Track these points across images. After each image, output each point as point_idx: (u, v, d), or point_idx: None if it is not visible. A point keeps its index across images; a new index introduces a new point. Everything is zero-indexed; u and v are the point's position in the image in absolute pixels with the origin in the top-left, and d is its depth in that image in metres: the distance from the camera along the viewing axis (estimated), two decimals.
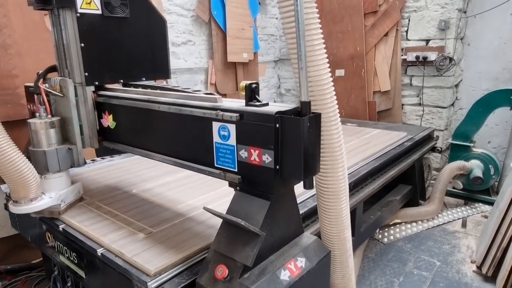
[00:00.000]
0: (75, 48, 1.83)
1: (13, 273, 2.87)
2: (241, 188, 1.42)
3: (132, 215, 1.88)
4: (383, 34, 4.54)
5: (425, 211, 3.65)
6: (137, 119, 1.80)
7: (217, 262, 1.33)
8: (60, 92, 1.85)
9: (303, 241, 1.51)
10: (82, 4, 1.79)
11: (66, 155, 1.88)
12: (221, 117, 1.38)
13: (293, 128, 1.24)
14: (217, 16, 4.45)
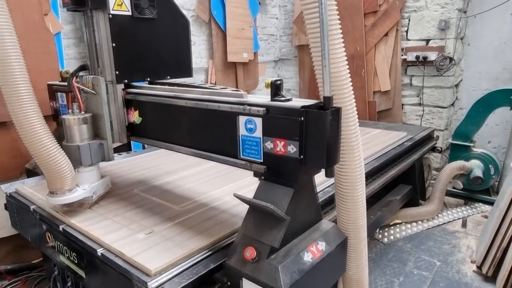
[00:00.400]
0: (106, 48, 1.92)
1: (13, 273, 2.87)
2: (266, 177, 1.53)
3: (132, 215, 1.88)
4: (383, 34, 4.54)
5: (425, 211, 3.65)
6: (165, 115, 1.88)
7: (246, 244, 1.42)
8: (92, 90, 1.93)
9: (322, 226, 1.62)
10: (114, 6, 1.88)
11: (98, 150, 1.97)
12: (248, 111, 1.49)
13: (317, 121, 1.35)
14: (217, 16, 4.45)
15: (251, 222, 1.48)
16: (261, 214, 1.45)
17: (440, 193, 3.75)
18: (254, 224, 1.47)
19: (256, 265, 1.38)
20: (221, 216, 1.84)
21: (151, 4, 2.02)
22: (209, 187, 2.23)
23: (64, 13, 3.37)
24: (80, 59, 3.54)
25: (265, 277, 1.34)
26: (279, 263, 1.36)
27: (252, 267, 1.38)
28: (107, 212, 1.91)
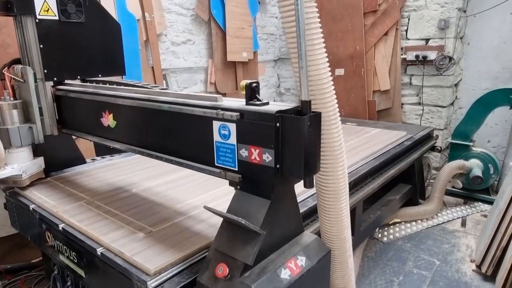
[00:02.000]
0: (35, 49, 2.15)
1: (13, 273, 2.87)
2: (242, 187, 1.42)
3: (132, 214, 1.88)
4: (383, 33, 4.54)
5: (425, 210, 3.65)
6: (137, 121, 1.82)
7: (218, 260, 1.33)
8: (21, 78, 2.15)
9: (303, 240, 1.51)
10: (40, 11, 2.10)
11: (27, 132, 2.19)
12: (221, 116, 1.38)
13: (294, 127, 1.24)
14: (216, 15, 4.45)
15: (224, 236, 1.36)
16: (234, 228, 1.34)
17: (439, 192, 3.75)
18: (227, 238, 1.35)
19: (229, 283, 1.28)
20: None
21: (78, 9, 2.24)
22: (209, 187, 2.23)
23: None
24: None
25: None
26: (252, 281, 1.26)
27: (224, 286, 1.28)
28: (107, 212, 1.91)
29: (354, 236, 2.58)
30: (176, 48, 4.33)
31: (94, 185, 2.29)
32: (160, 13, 4.05)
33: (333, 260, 1.61)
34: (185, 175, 2.44)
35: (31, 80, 2.15)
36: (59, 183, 2.33)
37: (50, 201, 2.05)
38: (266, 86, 5.70)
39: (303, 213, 1.93)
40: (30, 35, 2.14)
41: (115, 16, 3.57)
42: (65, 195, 2.14)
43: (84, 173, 2.52)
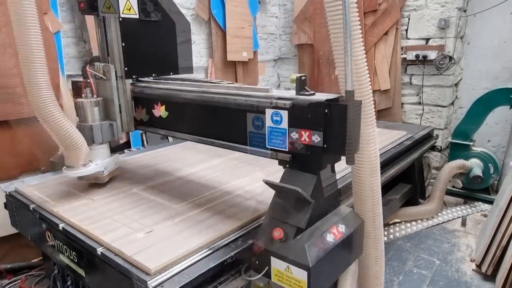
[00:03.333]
0: (116, 47, 2.16)
1: (13, 272, 2.87)
2: (290, 165, 1.63)
3: (132, 214, 1.88)
4: (383, 33, 4.54)
5: (425, 210, 3.65)
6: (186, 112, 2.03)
7: (274, 226, 1.54)
8: (103, 76, 2.18)
9: (341, 211, 1.75)
10: (123, 10, 2.13)
11: (108, 129, 2.23)
12: (275, 104, 1.60)
13: (340, 113, 1.45)
14: (216, 15, 4.45)
15: (278, 206, 1.59)
16: (287, 199, 1.58)
17: (440, 192, 3.75)
18: (281, 208, 1.58)
19: (284, 245, 1.49)
20: (219, 216, 1.85)
21: (155, 8, 2.25)
22: (208, 186, 2.24)
23: (64, 12, 3.37)
24: (79, 58, 3.54)
25: (293, 255, 1.46)
26: (305, 242, 1.47)
27: (281, 247, 1.50)
28: (107, 211, 1.92)
29: None
30: None
31: (94, 185, 2.29)
32: None
33: (367, 231, 1.79)
34: (184, 175, 2.44)
35: (113, 78, 2.17)
36: (59, 183, 2.33)
37: (50, 200, 2.05)
38: (266, 86, 5.70)
39: None
40: (113, 34, 2.15)
41: None
42: (65, 194, 2.14)
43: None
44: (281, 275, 1.51)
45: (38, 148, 2.99)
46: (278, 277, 1.53)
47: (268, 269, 1.54)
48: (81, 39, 3.53)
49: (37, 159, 3.01)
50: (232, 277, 1.58)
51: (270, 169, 2.50)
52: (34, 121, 2.92)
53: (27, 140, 2.93)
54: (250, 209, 1.90)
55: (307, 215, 1.52)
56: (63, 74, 3.25)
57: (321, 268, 1.49)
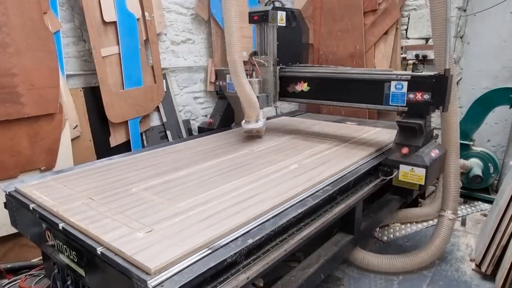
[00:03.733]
0: (271, 45, 3.33)
1: (13, 272, 2.87)
2: (406, 114, 2.74)
3: (132, 214, 1.88)
4: (383, 33, 4.54)
5: (426, 213, 3.64)
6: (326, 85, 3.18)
7: (400, 147, 2.67)
8: (264, 62, 3.34)
9: (433, 143, 2.84)
10: (279, 21, 3.31)
11: (265, 99, 3.35)
12: (399, 78, 2.74)
13: (443, 81, 2.53)
14: (216, 14, 4.45)
15: (402, 135, 2.75)
16: (408, 131, 2.72)
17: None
18: (404, 136, 2.73)
19: (409, 156, 2.58)
20: (220, 215, 1.85)
21: (293, 19, 3.43)
22: (208, 186, 2.24)
23: (63, 12, 3.37)
24: (79, 57, 3.54)
25: (416, 161, 2.52)
26: (422, 153, 2.56)
27: (406, 158, 2.58)
28: (107, 211, 1.92)
29: (354, 235, 2.58)
30: (176, 48, 4.33)
31: (94, 185, 2.29)
32: (160, 12, 4.05)
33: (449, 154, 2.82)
34: (184, 175, 2.44)
35: (271, 66, 3.34)
36: (59, 183, 2.33)
37: (50, 200, 2.05)
38: None
39: (302, 212, 1.97)
40: (270, 36, 3.32)
41: (114, 15, 3.57)
42: (65, 194, 2.14)
43: (84, 172, 2.53)
44: (406, 174, 2.55)
45: (37, 147, 2.99)
46: (404, 176, 2.57)
47: (397, 173, 2.58)
48: (80, 38, 3.53)
49: (37, 158, 3.01)
50: (232, 276, 1.58)
51: (270, 169, 2.50)
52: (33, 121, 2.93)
53: (27, 139, 2.93)
54: (250, 208, 1.90)
55: (422, 139, 2.65)
56: (62, 74, 3.25)
57: (431, 169, 2.51)
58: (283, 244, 1.86)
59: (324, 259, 2.32)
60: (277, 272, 2.19)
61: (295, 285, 2.10)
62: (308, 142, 3.21)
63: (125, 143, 3.87)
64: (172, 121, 4.32)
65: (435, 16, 2.41)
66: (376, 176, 2.69)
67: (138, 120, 3.92)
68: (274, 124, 3.98)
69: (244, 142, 3.22)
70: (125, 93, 3.73)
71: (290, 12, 3.38)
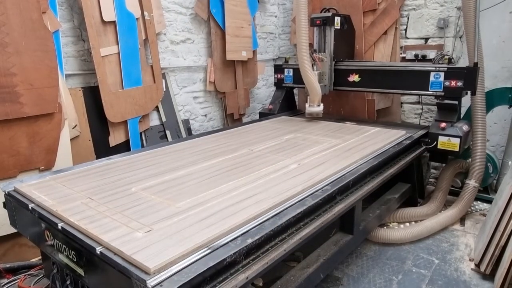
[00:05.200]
0: (329, 43, 4.15)
1: (12, 272, 2.87)
2: (443, 98, 3.51)
3: (131, 213, 1.88)
4: (382, 33, 4.54)
5: (425, 212, 3.64)
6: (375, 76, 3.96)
7: (440, 122, 3.43)
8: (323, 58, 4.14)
9: (463, 121, 3.55)
10: (335, 24, 4.07)
11: (324, 88, 4.09)
12: (438, 69, 3.50)
13: (473, 73, 3.33)
14: (216, 14, 4.45)
15: (440, 114, 3.52)
16: (445, 110, 3.50)
17: (443, 192, 3.76)
18: (442, 114, 3.49)
19: (446, 129, 3.36)
20: (219, 215, 1.85)
21: (345, 22, 4.17)
22: (207, 186, 2.24)
23: (62, 11, 3.37)
24: (78, 57, 3.53)
25: (453, 132, 3.32)
26: (457, 127, 3.35)
27: (445, 130, 3.36)
28: (106, 211, 1.92)
29: (354, 235, 2.58)
30: (175, 47, 4.32)
31: (93, 184, 2.29)
32: (159, 12, 4.04)
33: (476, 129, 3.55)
34: (183, 175, 2.44)
35: (329, 59, 4.13)
36: (58, 182, 2.33)
37: (49, 200, 2.05)
38: (265, 85, 5.70)
39: (302, 212, 1.97)
40: (329, 36, 4.11)
41: (114, 15, 3.57)
42: (64, 194, 2.14)
43: (83, 172, 2.53)
44: (444, 143, 3.36)
45: (37, 147, 2.99)
46: (442, 145, 3.37)
47: (436, 142, 3.39)
48: (80, 38, 3.52)
49: (36, 158, 3.01)
50: (231, 276, 1.58)
51: (269, 169, 2.50)
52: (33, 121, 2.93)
53: (26, 139, 2.93)
54: (249, 208, 1.90)
55: (457, 116, 3.42)
56: (62, 73, 3.24)
57: (463, 138, 3.29)
58: (282, 243, 1.86)
59: (323, 258, 2.32)
60: (277, 272, 2.20)
61: (295, 284, 2.11)
62: (308, 142, 3.21)
63: (125, 143, 3.87)
64: (172, 121, 4.32)
65: (467, 17, 3.19)
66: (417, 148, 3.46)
67: (138, 120, 3.92)
68: (273, 124, 3.98)
69: (243, 142, 3.22)
70: (125, 92, 3.72)
71: (343, 18, 4.15)
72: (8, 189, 2.29)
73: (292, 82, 4.59)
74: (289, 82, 4.63)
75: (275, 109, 4.59)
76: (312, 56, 3.97)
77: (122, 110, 3.72)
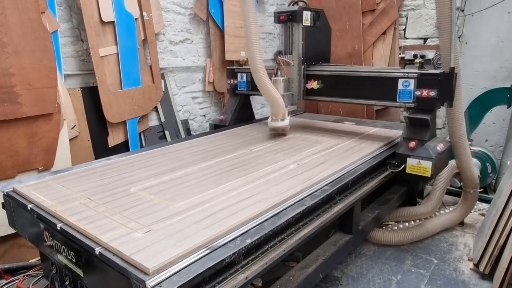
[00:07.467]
0: (297, 44, 3.39)
1: (11, 272, 2.87)
2: (413, 111, 2.91)
3: (130, 214, 1.88)
4: (381, 33, 4.55)
5: (421, 211, 3.64)
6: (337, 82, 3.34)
7: (408, 141, 2.84)
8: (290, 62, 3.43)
9: (439, 138, 3.03)
10: (304, 21, 3.33)
11: (291, 98, 3.42)
12: (407, 75, 2.89)
13: (448, 79, 2.73)
14: (215, 14, 4.45)
15: (410, 129, 2.94)
16: (415, 126, 2.90)
17: (439, 192, 3.76)
18: (412, 131, 2.91)
19: (416, 150, 2.77)
20: (218, 215, 1.85)
21: (317, 18, 3.46)
22: (206, 186, 2.23)
23: (61, 11, 3.36)
24: (77, 57, 3.53)
25: (423, 154, 2.73)
26: (429, 147, 2.76)
27: (414, 151, 2.77)
28: (105, 211, 1.91)
29: (352, 235, 2.59)
30: (174, 47, 4.32)
31: (92, 185, 2.28)
32: (158, 12, 4.04)
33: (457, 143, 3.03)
34: (183, 175, 2.44)
35: (296, 64, 3.40)
36: (57, 183, 2.32)
37: (48, 200, 2.05)
38: None
39: (301, 212, 1.97)
40: (296, 36, 3.37)
41: (112, 15, 3.56)
42: (63, 194, 2.14)
43: (82, 172, 2.52)
44: (413, 167, 2.75)
45: (35, 147, 2.98)
46: (411, 169, 2.76)
47: (405, 165, 2.78)
48: (78, 38, 3.52)
49: (35, 158, 3.00)
50: (230, 276, 1.58)
51: (268, 169, 2.50)
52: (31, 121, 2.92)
53: (25, 139, 2.93)
54: (248, 208, 1.90)
55: (429, 134, 2.82)
56: (60, 74, 3.24)
57: (436, 161, 2.69)
58: (281, 244, 1.86)
59: (322, 258, 2.32)
60: (276, 272, 2.20)
61: (294, 284, 2.10)
62: (307, 142, 3.21)
63: (123, 143, 3.87)
64: (171, 121, 4.31)
65: (441, 17, 2.58)
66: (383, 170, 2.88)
67: (137, 120, 3.92)
68: None
69: (242, 142, 3.21)
70: (123, 93, 3.72)
71: (315, 12, 3.42)
72: (6, 190, 2.29)
73: (247, 88, 3.88)
74: (243, 89, 3.90)
75: (227, 120, 3.91)
76: (277, 59, 3.36)
77: (121, 111, 3.71)
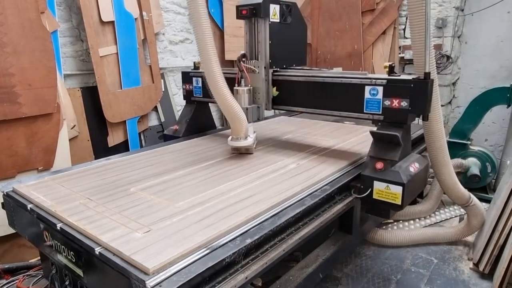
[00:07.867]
0: (263, 44, 2.77)
1: (11, 272, 2.87)
2: (382, 124, 2.37)
3: (130, 214, 1.88)
4: (381, 32, 4.55)
5: (420, 210, 3.65)
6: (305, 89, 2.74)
7: (375, 161, 2.27)
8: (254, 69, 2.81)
9: (414, 156, 2.45)
10: (271, 16, 2.74)
11: (256, 111, 2.84)
12: (374, 82, 2.34)
13: (423, 87, 2.19)
14: (214, 14, 4.45)
15: (377, 148, 2.34)
16: (384, 143, 2.33)
17: (437, 191, 3.76)
18: (379, 149, 2.32)
19: (384, 172, 2.22)
20: (218, 215, 1.85)
21: (288, 14, 2.85)
22: (206, 186, 2.23)
23: (61, 11, 3.36)
24: (76, 57, 3.53)
25: (392, 177, 2.18)
26: (399, 169, 2.21)
27: (381, 173, 2.22)
28: (105, 211, 1.91)
29: (352, 234, 2.58)
30: (173, 47, 4.32)
31: (92, 185, 2.28)
32: (158, 12, 4.04)
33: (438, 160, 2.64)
34: (182, 175, 2.44)
35: (262, 71, 2.80)
36: (57, 183, 2.32)
37: (48, 200, 2.04)
38: None
39: (301, 212, 1.98)
40: (262, 34, 2.76)
41: (112, 15, 3.56)
42: (63, 194, 2.14)
43: (82, 172, 2.52)
44: (381, 192, 2.23)
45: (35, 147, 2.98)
46: (379, 194, 2.24)
47: (371, 190, 2.24)
48: (78, 38, 3.52)
49: (35, 158, 3.00)
50: (230, 276, 1.58)
51: (268, 169, 2.50)
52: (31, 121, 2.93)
53: (25, 139, 2.93)
54: (248, 208, 1.90)
55: (400, 153, 2.26)
56: (60, 74, 3.24)
57: (409, 186, 2.17)
58: (281, 243, 1.86)
59: (322, 258, 2.32)
60: (276, 272, 2.19)
61: (294, 284, 2.10)
62: (307, 141, 3.21)
63: (123, 143, 3.87)
64: (170, 121, 4.31)
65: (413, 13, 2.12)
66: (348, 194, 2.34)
67: (136, 120, 3.92)
68: (272, 124, 3.98)
69: None
70: (123, 93, 3.72)
71: (285, 6, 2.81)
72: (6, 190, 2.28)
73: (203, 95, 3.31)
74: (198, 96, 3.35)
75: (181, 130, 3.34)
76: (239, 66, 2.76)
77: (120, 110, 3.71)
